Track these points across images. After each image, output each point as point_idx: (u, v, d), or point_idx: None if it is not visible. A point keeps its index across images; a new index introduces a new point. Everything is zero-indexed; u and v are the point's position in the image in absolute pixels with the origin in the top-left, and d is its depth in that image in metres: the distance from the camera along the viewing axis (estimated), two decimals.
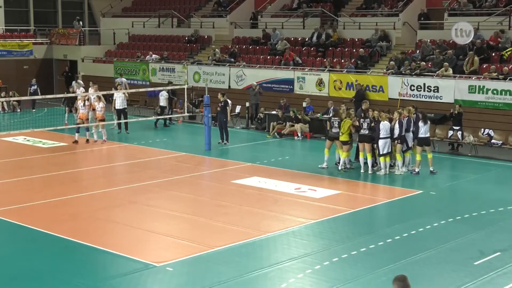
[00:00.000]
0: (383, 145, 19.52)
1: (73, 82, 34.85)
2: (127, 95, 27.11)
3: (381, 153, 19.66)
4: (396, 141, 19.69)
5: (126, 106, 26.95)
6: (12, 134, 25.03)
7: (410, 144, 20.00)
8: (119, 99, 26.62)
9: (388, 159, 19.80)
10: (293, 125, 25.75)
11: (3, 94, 33.96)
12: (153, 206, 16.32)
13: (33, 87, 33.22)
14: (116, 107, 26.73)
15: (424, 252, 13.16)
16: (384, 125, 19.59)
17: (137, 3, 44.34)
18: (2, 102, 32.34)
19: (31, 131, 25.06)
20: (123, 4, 44.49)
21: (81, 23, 41.96)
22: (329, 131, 20.47)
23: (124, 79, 32.49)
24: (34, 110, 32.83)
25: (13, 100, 31.04)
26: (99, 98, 24.88)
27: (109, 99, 28.46)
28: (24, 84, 34.66)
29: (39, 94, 31.13)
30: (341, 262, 12.62)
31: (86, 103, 24.54)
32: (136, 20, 40.96)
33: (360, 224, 15.31)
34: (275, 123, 26.47)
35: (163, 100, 28.85)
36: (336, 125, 20.13)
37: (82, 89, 29.87)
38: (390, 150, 19.79)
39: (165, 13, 40.09)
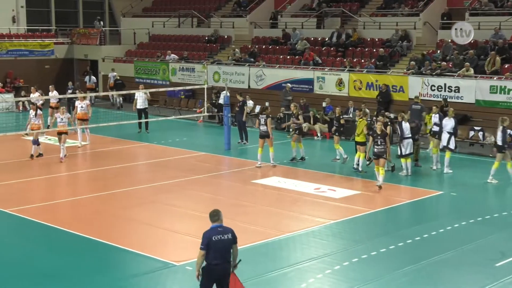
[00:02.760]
0: (406, 145, 19.45)
1: (87, 77, 35.47)
2: (148, 95, 27.22)
3: (403, 153, 19.56)
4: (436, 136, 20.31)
5: (147, 106, 27.06)
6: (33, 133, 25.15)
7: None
8: (140, 99, 26.75)
9: (409, 160, 19.70)
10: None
11: (23, 93, 34.21)
12: (173, 206, 16.38)
13: (69, 91, 30.96)
14: (137, 107, 26.86)
15: (445, 253, 13.09)
16: (407, 126, 19.52)
17: (157, 3, 44.50)
18: (23, 102, 32.56)
19: (52, 130, 25.23)
20: (143, 4, 44.68)
21: (101, 23, 42.22)
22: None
23: (114, 73, 34.56)
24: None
25: (27, 100, 30.15)
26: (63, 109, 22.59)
27: (130, 99, 28.57)
28: (45, 83, 34.89)
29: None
30: (360, 263, 12.59)
31: (39, 112, 22.33)
32: (156, 20, 41.12)
33: (379, 225, 15.27)
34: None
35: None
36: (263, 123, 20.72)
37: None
38: (412, 151, 19.70)
39: (185, 13, 40.20)
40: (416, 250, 13.31)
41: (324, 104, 26.99)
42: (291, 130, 25.56)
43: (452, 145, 20.17)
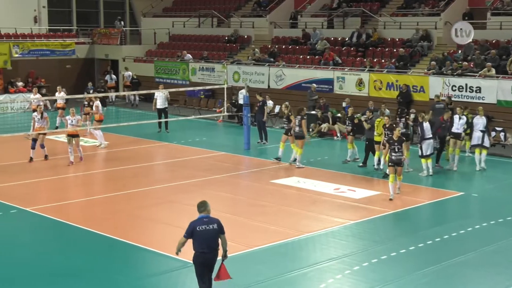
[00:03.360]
0: (426, 146, 19.33)
1: (108, 76, 35.59)
2: (168, 94, 27.30)
3: (423, 154, 19.44)
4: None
5: (167, 106, 27.14)
6: (58, 132, 25.37)
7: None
8: (160, 99, 26.84)
9: (430, 160, 19.58)
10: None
11: (44, 91, 34.46)
12: (192, 205, 16.24)
13: (90, 92, 30.85)
14: (157, 106, 26.95)
15: (465, 254, 12.99)
16: (428, 126, 19.39)
17: (177, 3, 44.63)
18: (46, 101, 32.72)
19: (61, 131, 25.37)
20: (163, 4, 44.83)
21: (122, 23, 42.42)
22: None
23: (129, 73, 34.61)
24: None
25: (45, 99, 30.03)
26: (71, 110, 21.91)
27: (149, 98, 28.65)
28: (66, 83, 35.13)
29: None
30: (380, 263, 12.52)
31: (45, 114, 21.54)
32: (177, 20, 41.23)
33: (399, 225, 15.19)
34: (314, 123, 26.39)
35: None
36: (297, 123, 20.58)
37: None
38: (433, 152, 19.57)
39: (205, 13, 40.27)
40: (436, 251, 13.22)
41: (344, 104, 26.90)
42: (311, 130, 25.55)
43: (487, 143, 20.12)
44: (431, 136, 19.42)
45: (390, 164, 17.23)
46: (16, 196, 17.19)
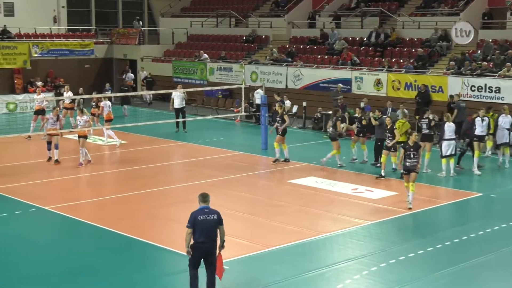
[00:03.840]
0: (446, 146, 19.22)
1: (125, 75, 36.14)
2: (186, 94, 27.37)
3: (443, 154, 19.33)
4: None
5: (184, 106, 27.21)
6: (75, 131, 25.49)
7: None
8: (178, 99, 26.93)
9: (452, 160, 19.45)
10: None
11: (63, 90, 34.66)
12: (210, 205, 16.38)
13: (107, 93, 30.56)
14: (175, 106, 27.04)
15: (484, 255, 12.91)
16: (449, 126, 19.27)
17: (195, 3, 44.73)
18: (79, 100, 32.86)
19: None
20: (182, 4, 44.96)
21: (140, 23, 42.59)
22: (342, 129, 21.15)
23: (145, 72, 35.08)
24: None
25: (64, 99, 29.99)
26: (81, 111, 21.42)
27: (167, 98, 28.73)
28: (85, 82, 35.38)
29: (113, 99, 31.09)
30: (398, 264, 12.48)
31: (60, 116, 21.43)
32: (195, 20, 41.33)
33: (418, 226, 15.12)
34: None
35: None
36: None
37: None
38: (454, 152, 19.43)
39: (223, 13, 40.33)
40: (455, 252, 13.15)
41: (362, 105, 26.80)
42: (328, 130, 25.49)
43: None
44: (452, 136, 19.27)
45: (403, 172, 16.54)
46: (35, 195, 17.33)
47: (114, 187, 18.50)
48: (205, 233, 10.26)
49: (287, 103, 26.82)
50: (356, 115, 22.09)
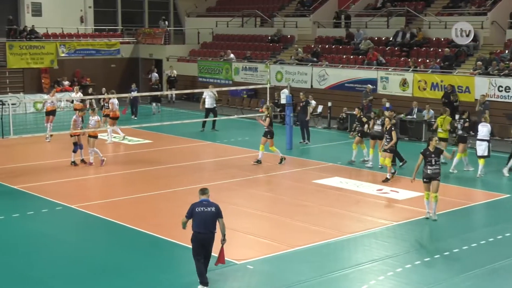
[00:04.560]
0: (479, 147, 19.07)
1: (151, 74, 36.34)
2: (216, 94, 27.50)
3: (479, 154, 19.18)
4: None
5: (215, 105, 27.40)
6: (101, 131, 25.65)
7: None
8: (210, 98, 27.11)
9: (482, 161, 19.26)
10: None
11: (90, 90, 34.93)
12: (234, 204, 16.45)
13: (133, 93, 29.76)
14: (206, 106, 27.21)
15: (511, 258, 12.77)
16: (484, 126, 19.11)
17: (221, 3, 44.82)
18: (91, 100, 33.16)
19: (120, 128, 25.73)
20: (207, 4, 45.08)
21: (166, 22, 42.78)
22: (370, 129, 20.54)
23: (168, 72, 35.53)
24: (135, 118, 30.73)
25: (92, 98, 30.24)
26: (93, 111, 21.57)
27: (194, 97, 28.82)
28: (111, 82, 35.64)
29: (140, 100, 31.25)
30: (423, 266, 12.40)
31: (97, 117, 21.33)
32: (220, 19, 41.41)
33: (443, 227, 14.99)
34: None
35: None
36: (379, 123, 20.29)
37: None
38: (487, 154, 19.22)
39: (248, 12, 40.36)
40: (481, 254, 13.03)
41: (387, 105, 26.69)
42: (353, 130, 25.39)
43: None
44: (486, 137, 19.08)
45: (424, 180, 15.22)
46: (61, 194, 17.48)
47: (139, 186, 18.58)
48: (202, 224, 10.87)
49: (313, 103, 26.78)
50: (358, 115, 21.81)
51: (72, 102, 25.80)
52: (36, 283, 11.63)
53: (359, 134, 21.23)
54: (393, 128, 19.04)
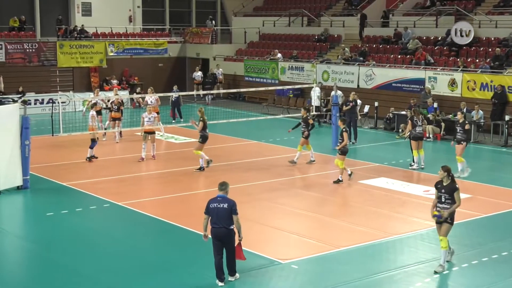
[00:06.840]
0: None
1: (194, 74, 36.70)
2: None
3: None
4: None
5: None
6: (138, 130, 25.93)
7: None
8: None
9: None
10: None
11: (138, 89, 35.35)
12: (280, 204, 16.46)
13: (174, 95, 29.48)
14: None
15: None
16: None
17: (268, 2, 44.88)
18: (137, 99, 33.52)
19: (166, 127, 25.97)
20: (254, 3, 45.18)
21: (213, 22, 43.05)
22: (411, 131, 20.18)
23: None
24: (174, 120, 30.27)
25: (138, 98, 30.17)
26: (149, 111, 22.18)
27: (240, 97, 28.80)
28: (158, 81, 35.99)
29: (181, 103, 30.79)
30: (471, 268, 12.22)
31: (154, 114, 22.09)
32: (267, 19, 41.46)
33: (492, 230, 14.75)
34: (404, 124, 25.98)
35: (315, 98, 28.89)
36: (420, 124, 20.07)
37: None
38: None
39: (295, 12, 40.33)
40: None
41: (435, 105, 26.40)
42: (400, 130, 25.16)
43: None
44: None
45: (437, 221, 12.09)
46: (109, 191, 17.74)
47: (183, 185, 18.71)
48: (216, 219, 11.28)
49: (359, 102, 26.61)
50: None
51: (108, 101, 25.94)
52: (86, 278, 11.82)
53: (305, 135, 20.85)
54: (344, 130, 18.71)
